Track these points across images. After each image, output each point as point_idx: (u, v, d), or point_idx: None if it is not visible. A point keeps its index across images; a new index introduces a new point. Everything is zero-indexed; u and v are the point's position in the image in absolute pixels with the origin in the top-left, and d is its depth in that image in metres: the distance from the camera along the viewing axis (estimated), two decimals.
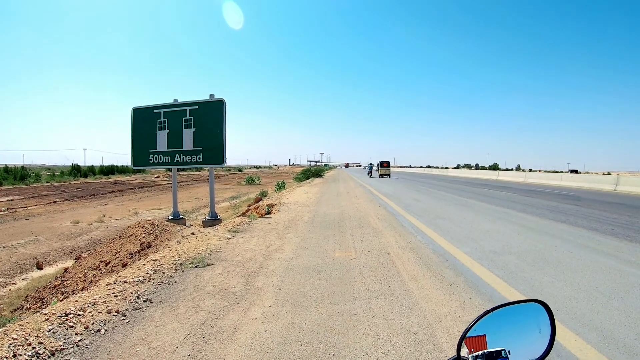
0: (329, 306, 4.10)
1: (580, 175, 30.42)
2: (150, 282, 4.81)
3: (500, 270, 5.38)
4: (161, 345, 3.22)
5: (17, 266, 10.35)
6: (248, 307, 4.08)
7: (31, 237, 13.79)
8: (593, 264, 5.72)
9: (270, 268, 5.58)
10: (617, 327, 3.56)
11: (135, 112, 11.69)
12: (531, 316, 0.86)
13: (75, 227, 15.72)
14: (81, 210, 21.38)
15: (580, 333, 3.40)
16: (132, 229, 9.94)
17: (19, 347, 2.96)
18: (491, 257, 6.14)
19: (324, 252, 6.50)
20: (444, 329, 3.53)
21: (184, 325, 3.63)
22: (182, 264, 5.67)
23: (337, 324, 3.66)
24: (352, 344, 3.25)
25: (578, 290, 4.54)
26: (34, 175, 47.56)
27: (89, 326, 3.51)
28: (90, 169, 66.42)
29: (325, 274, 5.29)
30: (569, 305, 4.06)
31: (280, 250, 6.65)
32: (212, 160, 11.09)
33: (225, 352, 3.12)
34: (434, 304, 4.16)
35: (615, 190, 21.26)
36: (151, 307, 4.09)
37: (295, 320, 3.76)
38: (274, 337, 3.38)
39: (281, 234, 8.25)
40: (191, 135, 11.08)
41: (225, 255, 6.33)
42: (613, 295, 4.35)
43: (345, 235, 7.98)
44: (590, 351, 3.09)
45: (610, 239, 7.62)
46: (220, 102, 10.97)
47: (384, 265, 5.70)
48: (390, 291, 4.56)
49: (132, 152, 11.67)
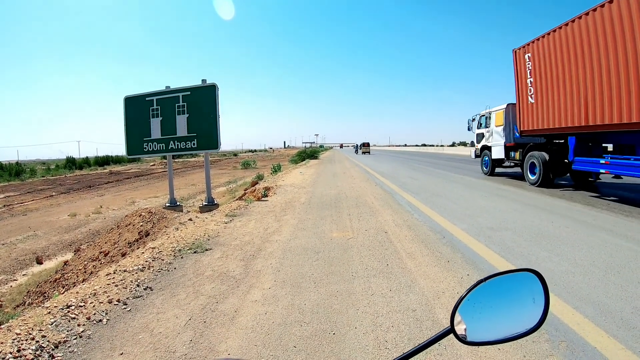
0: (328, 286, 4.13)
1: None
2: (149, 270, 4.82)
3: (497, 246, 5.41)
4: (163, 332, 3.24)
5: (17, 262, 10.37)
6: (248, 290, 4.10)
7: (29, 232, 13.79)
8: (589, 238, 5.76)
9: (268, 250, 5.60)
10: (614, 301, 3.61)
11: (127, 100, 11.60)
12: (525, 286, 0.86)
13: (73, 220, 15.71)
14: (78, 202, 21.36)
15: (578, 307, 3.44)
16: (130, 218, 9.95)
17: (22, 342, 2.97)
18: (488, 233, 6.17)
19: (321, 233, 6.52)
20: (442, 305, 3.56)
21: (185, 310, 3.65)
22: (180, 250, 5.68)
23: (336, 303, 3.69)
24: (352, 322, 3.28)
25: (575, 264, 4.58)
26: (29, 171, 47.30)
27: (91, 317, 3.52)
28: (85, 160, 66.10)
29: (323, 254, 5.31)
30: (567, 280, 4.10)
31: (278, 233, 6.67)
32: (206, 145, 11.06)
33: (227, 335, 3.15)
34: (432, 280, 4.19)
35: None
36: (152, 294, 4.11)
37: (295, 301, 3.78)
38: (274, 319, 3.41)
39: (278, 216, 8.26)
40: (185, 121, 11.02)
41: (224, 239, 6.34)
42: (609, 270, 4.39)
43: (342, 215, 8.00)
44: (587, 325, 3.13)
45: (606, 214, 7.68)
46: (213, 87, 10.89)
47: (381, 243, 5.72)
48: (389, 269, 4.59)
49: (126, 141, 11.61)
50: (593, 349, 2.75)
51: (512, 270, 0.86)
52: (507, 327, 0.84)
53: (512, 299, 0.86)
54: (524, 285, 0.85)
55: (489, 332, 0.83)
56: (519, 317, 0.85)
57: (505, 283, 0.86)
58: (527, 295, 0.85)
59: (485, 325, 0.83)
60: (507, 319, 0.84)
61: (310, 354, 2.83)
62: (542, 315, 0.84)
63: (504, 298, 0.85)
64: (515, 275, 0.86)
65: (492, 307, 0.84)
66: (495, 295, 0.84)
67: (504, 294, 0.85)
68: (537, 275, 0.85)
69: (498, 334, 0.83)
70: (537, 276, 0.85)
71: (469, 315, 0.84)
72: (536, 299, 0.84)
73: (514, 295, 0.86)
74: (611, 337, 2.90)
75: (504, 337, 0.83)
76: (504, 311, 0.85)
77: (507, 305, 0.86)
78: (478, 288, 0.84)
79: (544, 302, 0.84)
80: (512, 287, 0.86)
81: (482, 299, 0.84)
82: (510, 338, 0.84)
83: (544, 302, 0.84)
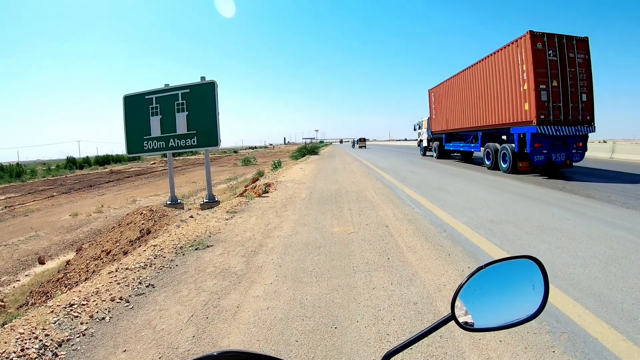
0: (329, 280, 4.14)
1: None
2: (151, 268, 4.83)
3: (498, 239, 5.42)
4: (166, 328, 3.25)
5: (20, 263, 10.38)
6: (249, 286, 4.11)
7: (31, 233, 13.79)
8: (590, 230, 5.76)
9: (269, 246, 5.61)
10: (615, 292, 3.62)
11: (126, 99, 11.57)
12: (524, 273, 0.86)
13: (75, 220, 15.72)
14: (79, 202, 21.37)
15: (578, 299, 3.44)
16: (131, 217, 9.96)
17: (26, 341, 2.98)
18: (489, 226, 6.17)
19: (322, 228, 6.53)
20: (444, 298, 3.57)
21: (187, 307, 3.66)
22: (182, 247, 5.69)
23: (338, 297, 3.70)
24: (354, 316, 3.29)
25: (576, 257, 4.58)
26: (29, 172, 47.24)
27: (94, 315, 3.53)
28: (86, 160, 66.06)
29: (324, 249, 5.32)
30: (567, 272, 4.10)
31: (279, 228, 6.67)
32: (206, 142, 11.04)
33: (229, 330, 3.16)
34: (433, 274, 4.20)
35: (611, 158, 21.24)
36: (154, 291, 4.12)
37: (297, 295, 3.79)
38: (276, 314, 3.42)
39: (279, 212, 8.27)
40: (184, 119, 11.01)
41: (225, 236, 6.35)
42: (610, 262, 4.38)
43: (343, 210, 8.00)
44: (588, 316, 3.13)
45: (607, 206, 7.68)
46: (212, 84, 10.87)
47: (382, 238, 5.73)
48: (390, 263, 4.60)
49: (127, 140, 11.59)
50: (594, 340, 2.75)
51: (512, 257, 0.87)
52: (507, 313, 0.84)
53: (511, 286, 0.86)
54: (523, 272, 0.85)
55: (489, 318, 0.84)
56: (518, 304, 0.85)
57: (504, 270, 0.86)
58: (527, 282, 0.85)
59: (485, 312, 0.84)
60: (507, 305, 0.85)
61: (312, 348, 2.83)
62: (541, 302, 0.84)
63: (504, 285, 0.86)
64: (514, 262, 0.86)
65: (492, 294, 0.84)
66: (495, 282, 0.84)
67: (504, 280, 0.85)
68: (537, 262, 0.85)
69: (498, 320, 0.84)
70: (537, 263, 0.85)
71: (469, 302, 0.84)
72: (536, 286, 0.84)
73: (513, 282, 0.86)
74: (612, 328, 2.90)
75: (504, 324, 0.84)
76: (504, 298, 0.85)
77: (506, 292, 0.86)
78: (478, 275, 0.84)
79: (543, 289, 0.84)
80: (511, 274, 0.86)
81: (482, 285, 0.84)
82: (510, 324, 0.84)
83: (544, 289, 0.84)
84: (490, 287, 0.84)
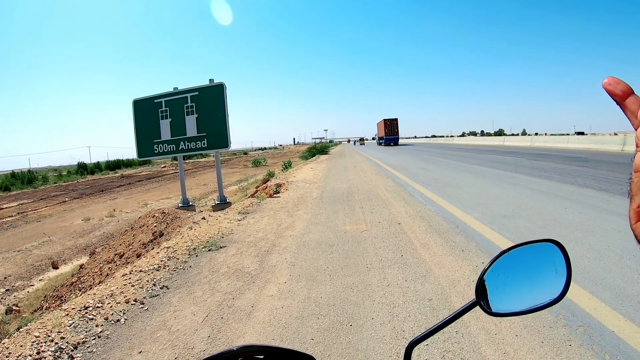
0: (343, 278, 4.13)
1: (586, 137, 29.90)
2: (165, 269, 4.86)
3: (511, 234, 5.37)
4: (181, 329, 3.26)
5: (34, 268, 10.49)
6: (263, 285, 4.12)
7: (44, 238, 13.94)
8: (604, 223, 5.69)
9: (282, 246, 5.61)
10: (630, 284, 3.56)
11: (136, 104, 11.67)
12: (547, 257, 0.84)
13: (87, 224, 15.87)
14: (91, 206, 21.56)
15: (594, 292, 3.40)
16: (143, 220, 10.03)
17: (41, 344, 3.01)
18: (502, 221, 6.13)
19: (334, 226, 6.52)
20: (459, 294, 3.55)
21: (201, 307, 3.67)
22: (195, 248, 5.71)
23: (352, 295, 3.69)
24: (369, 313, 3.28)
25: (590, 249, 4.53)
26: (41, 178, 47.78)
27: (109, 317, 3.56)
28: (97, 165, 66.77)
29: (337, 247, 5.32)
30: (582, 265, 4.05)
31: (292, 228, 6.68)
32: (216, 144, 11.09)
33: (244, 330, 3.16)
34: (447, 270, 4.17)
35: (623, 151, 20.96)
36: (168, 293, 4.14)
37: (311, 294, 3.79)
38: (291, 313, 3.42)
39: (291, 211, 8.28)
40: (194, 121, 11.06)
41: (237, 236, 6.36)
42: (625, 254, 4.32)
43: (355, 209, 7.99)
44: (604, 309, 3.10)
45: (620, 199, 7.57)
46: (221, 86, 10.91)
47: (395, 235, 5.71)
48: (403, 260, 4.58)
49: (137, 144, 11.68)
50: (611, 333, 2.72)
51: (534, 241, 0.85)
52: (530, 298, 0.83)
53: (534, 270, 0.85)
54: (545, 256, 0.84)
55: (513, 303, 0.83)
56: (541, 288, 0.84)
57: (527, 254, 0.84)
58: (550, 266, 0.83)
59: (509, 297, 0.83)
60: (530, 289, 0.84)
61: (328, 345, 2.83)
62: (564, 285, 0.82)
63: (527, 269, 0.84)
64: (536, 246, 0.85)
65: (515, 279, 0.83)
66: (517, 267, 0.83)
67: (526, 265, 0.84)
68: (558, 246, 0.83)
69: (522, 305, 0.83)
70: (558, 246, 0.83)
71: (492, 287, 0.83)
72: (558, 270, 0.83)
73: (536, 266, 0.85)
74: (629, 320, 2.86)
75: (528, 308, 0.83)
76: (527, 282, 0.84)
77: (529, 277, 0.85)
78: (500, 259, 0.84)
79: (565, 273, 0.83)
80: (534, 258, 0.85)
81: (505, 270, 0.83)
82: (534, 309, 0.83)
83: (566, 273, 0.83)
84: (513, 271, 0.83)
